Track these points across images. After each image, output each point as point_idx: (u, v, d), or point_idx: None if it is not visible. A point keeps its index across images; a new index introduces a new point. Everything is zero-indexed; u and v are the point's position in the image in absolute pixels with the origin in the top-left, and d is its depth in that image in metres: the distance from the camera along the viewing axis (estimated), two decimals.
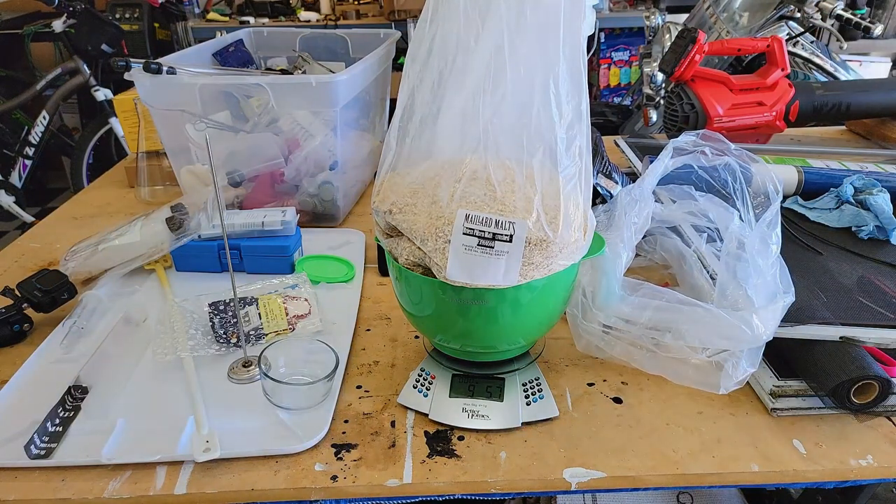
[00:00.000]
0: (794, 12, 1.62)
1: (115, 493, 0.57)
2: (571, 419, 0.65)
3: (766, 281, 0.65)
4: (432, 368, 0.67)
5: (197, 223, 0.87)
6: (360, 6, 3.30)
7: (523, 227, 0.51)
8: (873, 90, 1.24)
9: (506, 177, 0.54)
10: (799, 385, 0.65)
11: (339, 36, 1.32)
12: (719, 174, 0.76)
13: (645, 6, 3.28)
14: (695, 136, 0.76)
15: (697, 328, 0.64)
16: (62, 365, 0.72)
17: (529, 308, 0.59)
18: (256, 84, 0.93)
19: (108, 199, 1.19)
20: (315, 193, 1.03)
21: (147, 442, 0.61)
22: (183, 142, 1.01)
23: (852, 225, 0.90)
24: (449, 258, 0.53)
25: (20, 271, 0.93)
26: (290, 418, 0.64)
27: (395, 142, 0.58)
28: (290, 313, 0.79)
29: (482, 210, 0.52)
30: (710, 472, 0.59)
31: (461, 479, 0.58)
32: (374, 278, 0.91)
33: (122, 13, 3.02)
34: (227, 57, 1.23)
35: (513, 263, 0.52)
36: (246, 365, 0.70)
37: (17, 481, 0.58)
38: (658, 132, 1.82)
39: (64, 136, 3.02)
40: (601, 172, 0.96)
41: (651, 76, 1.88)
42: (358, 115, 1.12)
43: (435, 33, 0.55)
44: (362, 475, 0.58)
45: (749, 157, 0.74)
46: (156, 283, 0.89)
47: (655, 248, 0.85)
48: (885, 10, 2.67)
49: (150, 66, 0.92)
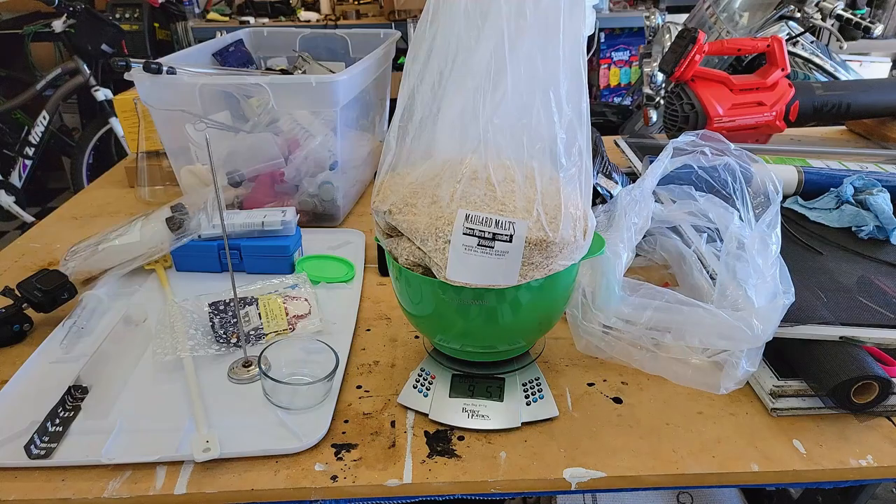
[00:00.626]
0: (794, 12, 1.61)
1: (115, 493, 0.57)
2: (571, 419, 0.65)
3: (765, 281, 0.65)
4: (432, 368, 0.67)
5: (197, 223, 0.87)
6: (360, 6, 3.30)
7: (523, 228, 0.52)
8: (873, 90, 1.24)
9: (506, 177, 0.54)
10: (799, 385, 0.65)
11: (339, 36, 1.33)
12: (719, 174, 0.76)
13: (645, 6, 3.28)
14: (695, 136, 0.76)
15: (697, 328, 0.65)
16: (62, 365, 0.72)
17: (529, 308, 0.59)
18: (256, 84, 0.93)
19: (108, 199, 1.19)
20: (315, 193, 1.03)
21: (147, 442, 0.61)
22: (183, 142, 1.01)
23: (852, 225, 0.90)
24: (449, 258, 0.53)
25: (20, 271, 0.93)
26: (290, 418, 0.64)
27: (395, 142, 0.58)
28: (290, 313, 0.79)
29: (482, 210, 0.52)
30: (710, 472, 0.59)
31: (461, 479, 0.58)
32: (374, 278, 0.91)
33: (122, 13, 3.02)
34: (227, 57, 1.23)
35: (513, 263, 0.52)
36: (246, 365, 0.70)
37: (17, 481, 0.58)
38: (658, 132, 1.82)
39: (64, 136, 3.02)
40: (601, 172, 0.96)
41: (651, 76, 1.88)
42: (358, 115, 1.12)
43: (435, 33, 0.55)
44: (362, 475, 0.58)
45: (749, 157, 0.74)
46: (156, 283, 0.89)
47: (655, 248, 0.85)
48: (885, 10, 2.67)
49: (150, 66, 0.92)
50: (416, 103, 0.56)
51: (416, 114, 0.57)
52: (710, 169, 0.78)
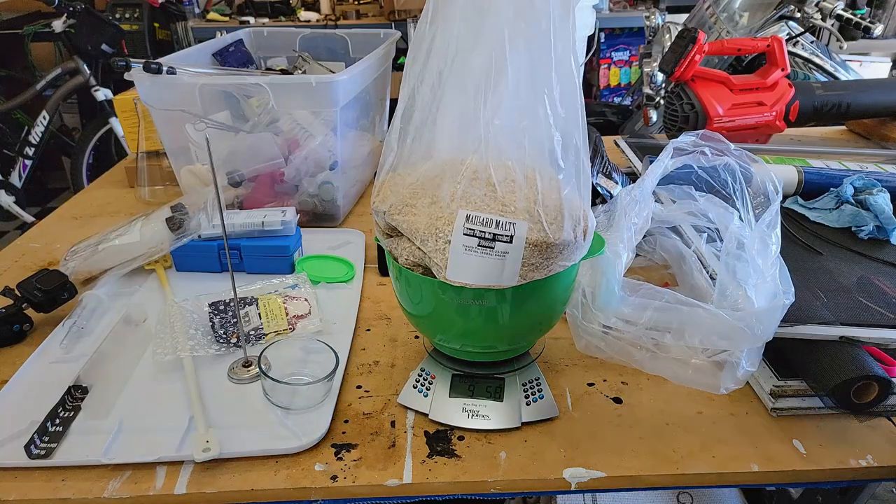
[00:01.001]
0: (794, 12, 1.62)
1: (115, 493, 0.57)
2: (571, 419, 0.65)
3: (766, 281, 0.65)
4: (432, 368, 0.67)
5: (197, 223, 0.87)
6: (360, 6, 3.30)
7: (524, 228, 0.52)
8: (873, 90, 1.24)
9: (506, 177, 0.54)
10: (799, 385, 0.65)
11: (339, 36, 1.33)
12: (719, 174, 0.76)
13: (645, 6, 3.28)
14: (695, 136, 0.76)
15: (697, 328, 0.64)
16: (62, 365, 0.72)
17: (529, 308, 0.59)
18: (256, 84, 0.93)
19: (108, 199, 1.19)
20: (315, 193, 1.03)
21: (147, 442, 0.61)
22: (183, 142, 1.01)
23: (852, 225, 0.90)
24: (449, 258, 0.53)
25: (20, 271, 0.93)
26: (289, 418, 0.64)
27: (395, 143, 0.58)
28: (290, 313, 0.79)
29: (483, 210, 0.52)
30: (710, 472, 0.59)
31: (461, 479, 0.58)
32: (374, 278, 0.91)
33: (122, 13, 3.02)
34: (227, 57, 1.23)
35: (513, 264, 0.52)
36: (246, 365, 0.70)
37: (17, 481, 0.58)
38: (658, 132, 1.82)
39: (64, 136, 3.02)
40: (601, 172, 0.96)
41: (651, 76, 1.88)
42: (358, 115, 1.12)
43: (435, 33, 0.55)
44: (362, 475, 0.58)
45: (749, 157, 0.74)
46: (156, 283, 0.89)
47: (655, 249, 0.85)
48: (885, 10, 2.67)
49: (150, 66, 0.92)
50: (417, 104, 0.56)
51: (417, 115, 0.57)
52: (710, 169, 0.78)
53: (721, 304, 0.66)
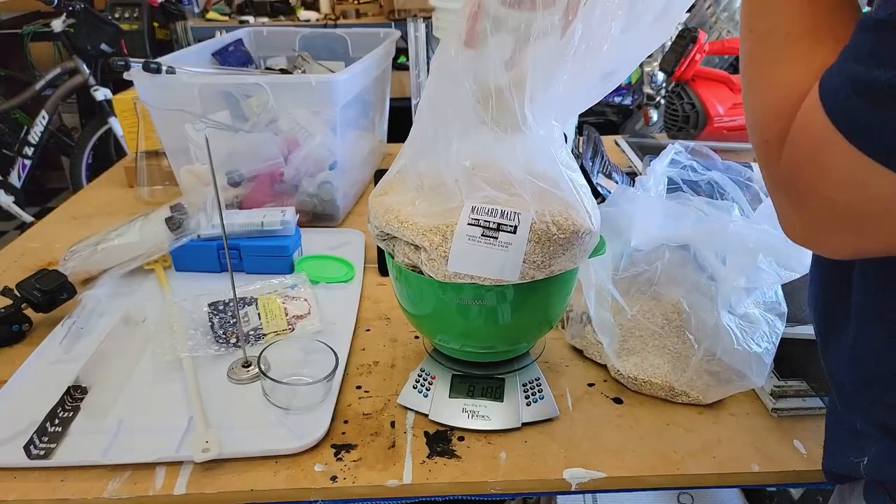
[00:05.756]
0: None
1: (115, 494, 0.56)
2: (571, 419, 0.65)
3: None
4: (432, 368, 0.67)
5: (196, 223, 0.87)
6: (359, 6, 3.29)
7: (528, 219, 0.51)
8: None
9: (507, 178, 0.54)
10: (799, 385, 0.65)
11: (339, 35, 1.32)
12: (713, 188, 0.78)
13: None
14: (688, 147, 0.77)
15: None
16: (62, 365, 0.72)
17: (529, 308, 0.58)
18: (256, 84, 0.93)
19: (108, 199, 1.18)
20: (315, 193, 1.03)
21: (147, 442, 0.61)
22: (182, 142, 1.01)
23: None
24: (452, 248, 0.52)
25: (19, 271, 0.93)
26: (289, 419, 0.64)
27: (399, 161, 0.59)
28: (289, 313, 0.79)
29: (488, 202, 0.52)
30: (710, 472, 0.59)
31: (461, 480, 0.58)
32: (374, 278, 0.91)
33: (122, 13, 3.02)
34: (226, 56, 1.23)
35: (515, 256, 0.52)
36: (245, 365, 0.70)
37: (16, 481, 0.58)
38: (658, 132, 1.81)
39: (63, 136, 3.01)
40: (601, 172, 0.96)
41: (651, 76, 1.88)
42: (358, 114, 1.12)
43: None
44: (362, 475, 0.58)
45: (738, 171, 0.75)
46: (155, 283, 0.89)
47: (655, 256, 0.84)
48: None
49: (150, 66, 0.92)
50: (420, 123, 0.57)
51: (417, 132, 0.57)
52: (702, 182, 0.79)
53: (721, 306, 0.66)
